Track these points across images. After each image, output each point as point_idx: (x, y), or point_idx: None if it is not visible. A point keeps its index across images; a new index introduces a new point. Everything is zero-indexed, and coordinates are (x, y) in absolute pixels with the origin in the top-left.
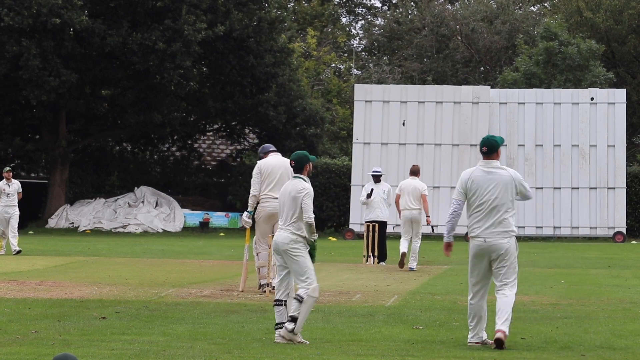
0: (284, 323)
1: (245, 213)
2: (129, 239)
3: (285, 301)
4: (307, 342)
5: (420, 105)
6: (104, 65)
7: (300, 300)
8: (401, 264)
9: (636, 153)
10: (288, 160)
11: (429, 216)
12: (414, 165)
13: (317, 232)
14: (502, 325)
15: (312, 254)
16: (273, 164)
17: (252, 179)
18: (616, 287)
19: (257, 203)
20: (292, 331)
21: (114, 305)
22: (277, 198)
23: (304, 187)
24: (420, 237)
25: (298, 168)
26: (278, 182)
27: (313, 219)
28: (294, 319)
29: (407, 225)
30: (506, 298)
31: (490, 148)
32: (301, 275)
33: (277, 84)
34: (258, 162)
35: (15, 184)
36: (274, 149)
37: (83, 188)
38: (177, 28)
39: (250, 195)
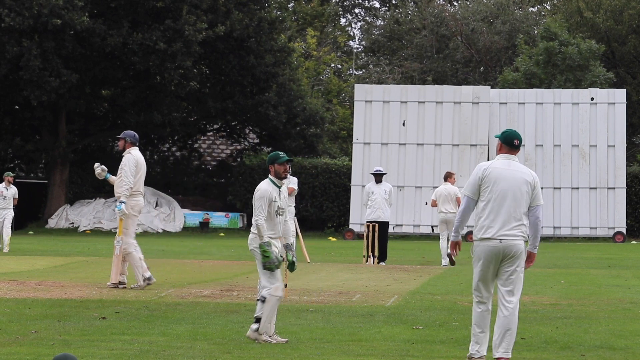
0: (257, 317)
1: (124, 205)
2: None
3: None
4: (274, 341)
5: (420, 105)
6: (104, 66)
7: (263, 300)
8: (452, 262)
9: (636, 153)
10: None
11: None
12: (447, 172)
13: (317, 232)
14: (509, 352)
15: (264, 262)
16: (142, 159)
17: (125, 169)
18: (616, 287)
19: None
20: (256, 331)
21: (114, 305)
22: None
23: (258, 188)
24: None
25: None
26: (142, 177)
27: (257, 220)
28: (257, 320)
29: (443, 225)
30: (514, 317)
31: (520, 142)
32: (264, 274)
33: (277, 83)
34: (132, 153)
35: (13, 189)
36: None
37: (83, 188)
38: (177, 28)
39: (127, 187)
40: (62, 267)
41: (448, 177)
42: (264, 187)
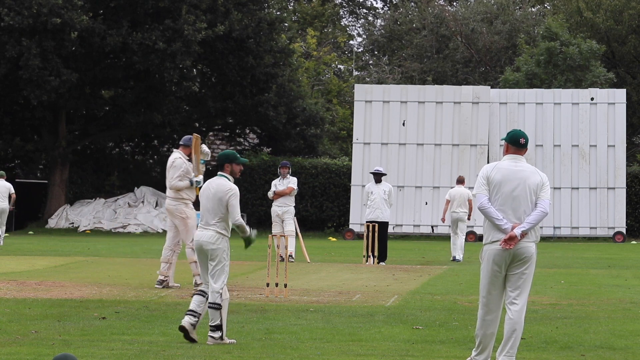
0: (195, 312)
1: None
2: (129, 239)
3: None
4: (234, 341)
5: (420, 105)
6: (104, 65)
7: (218, 307)
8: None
9: (636, 153)
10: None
11: (470, 214)
12: (460, 176)
13: (317, 232)
14: (513, 355)
15: (246, 245)
16: (169, 160)
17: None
18: (616, 287)
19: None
20: (220, 338)
21: (114, 305)
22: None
23: (230, 187)
24: (465, 233)
25: (219, 166)
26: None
27: (240, 220)
28: (218, 327)
29: (454, 224)
30: (520, 320)
31: (527, 141)
32: (219, 276)
33: (277, 84)
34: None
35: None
36: (183, 142)
37: (83, 188)
38: (177, 28)
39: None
40: (62, 267)
41: (463, 180)
42: (235, 186)
